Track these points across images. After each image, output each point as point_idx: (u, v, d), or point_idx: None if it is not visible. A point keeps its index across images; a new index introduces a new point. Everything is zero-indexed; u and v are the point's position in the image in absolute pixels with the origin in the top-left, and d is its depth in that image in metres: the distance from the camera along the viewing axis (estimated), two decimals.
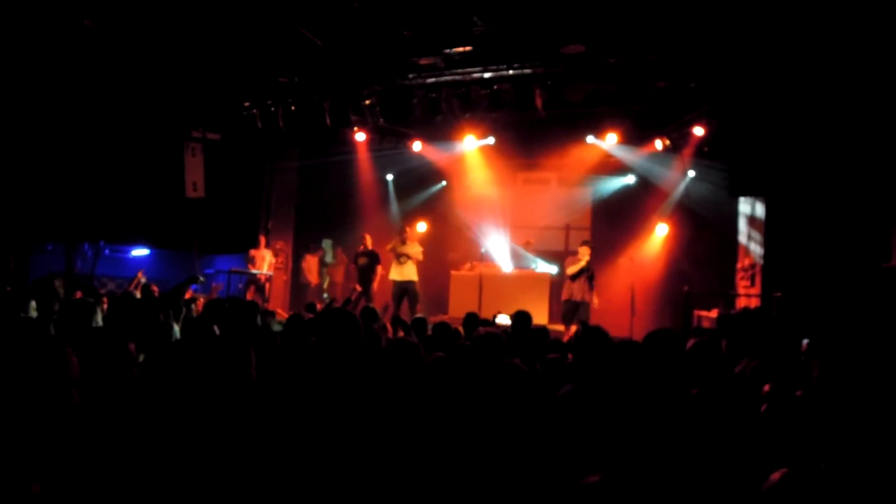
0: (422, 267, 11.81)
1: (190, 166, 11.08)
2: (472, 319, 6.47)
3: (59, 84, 9.32)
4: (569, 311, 10.15)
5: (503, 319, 7.27)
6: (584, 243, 10.59)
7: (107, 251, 11.79)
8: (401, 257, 11.25)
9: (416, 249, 11.38)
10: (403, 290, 11.24)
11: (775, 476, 1.58)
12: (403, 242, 11.32)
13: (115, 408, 2.56)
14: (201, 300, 7.65)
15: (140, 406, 2.58)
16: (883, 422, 2.68)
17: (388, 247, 11.42)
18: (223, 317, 3.82)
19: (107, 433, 2.38)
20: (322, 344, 2.72)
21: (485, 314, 9.07)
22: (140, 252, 12.31)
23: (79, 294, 8.58)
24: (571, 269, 10.16)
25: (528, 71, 8.99)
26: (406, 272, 11.27)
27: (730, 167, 10.32)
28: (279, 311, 10.08)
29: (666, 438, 2.37)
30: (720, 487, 2.22)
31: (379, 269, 11.74)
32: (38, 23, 7.88)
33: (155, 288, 7.35)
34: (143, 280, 8.21)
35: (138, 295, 6.74)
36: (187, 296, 6.87)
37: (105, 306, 5.54)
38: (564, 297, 10.30)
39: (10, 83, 8.94)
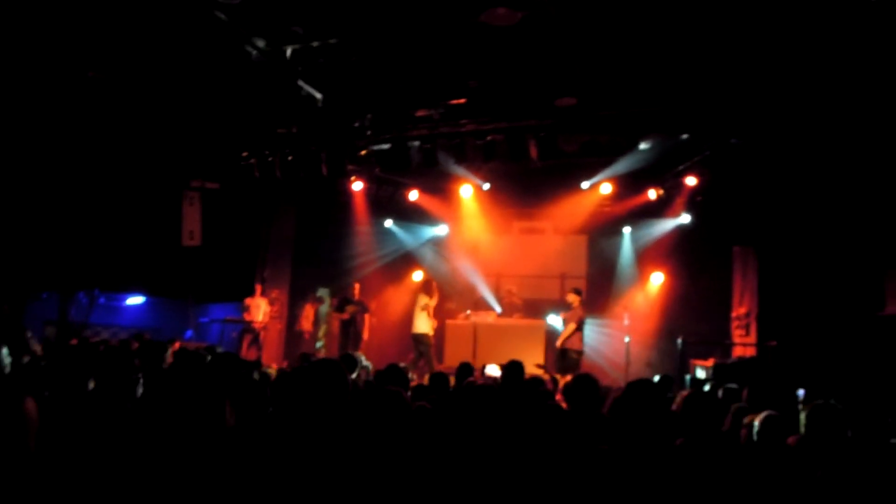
0: None
1: (188, 215, 11.16)
2: (465, 369, 6.46)
3: (59, 133, 9.46)
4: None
5: (492, 370, 7.21)
6: (575, 291, 10.70)
7: (102, 299, 11.78)
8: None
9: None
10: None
11: None
12: (431, 296, 11.30)
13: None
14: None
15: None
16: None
17: (433, 303, 11.31)
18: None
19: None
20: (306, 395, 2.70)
21: (480, 363, 9.03)
22: (135, 300, 12.29)
23: (74, 342, 8.54)
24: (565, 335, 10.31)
25: (520, 123, 9.13)
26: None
27: (723, 216, 10.43)
28: (273, 366, 9.98)
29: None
30: None
31: (367, 318, 11.72)
32: (42, 73, 8.04)
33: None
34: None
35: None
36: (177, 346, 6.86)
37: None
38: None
39: (10, 132, 9.06)
